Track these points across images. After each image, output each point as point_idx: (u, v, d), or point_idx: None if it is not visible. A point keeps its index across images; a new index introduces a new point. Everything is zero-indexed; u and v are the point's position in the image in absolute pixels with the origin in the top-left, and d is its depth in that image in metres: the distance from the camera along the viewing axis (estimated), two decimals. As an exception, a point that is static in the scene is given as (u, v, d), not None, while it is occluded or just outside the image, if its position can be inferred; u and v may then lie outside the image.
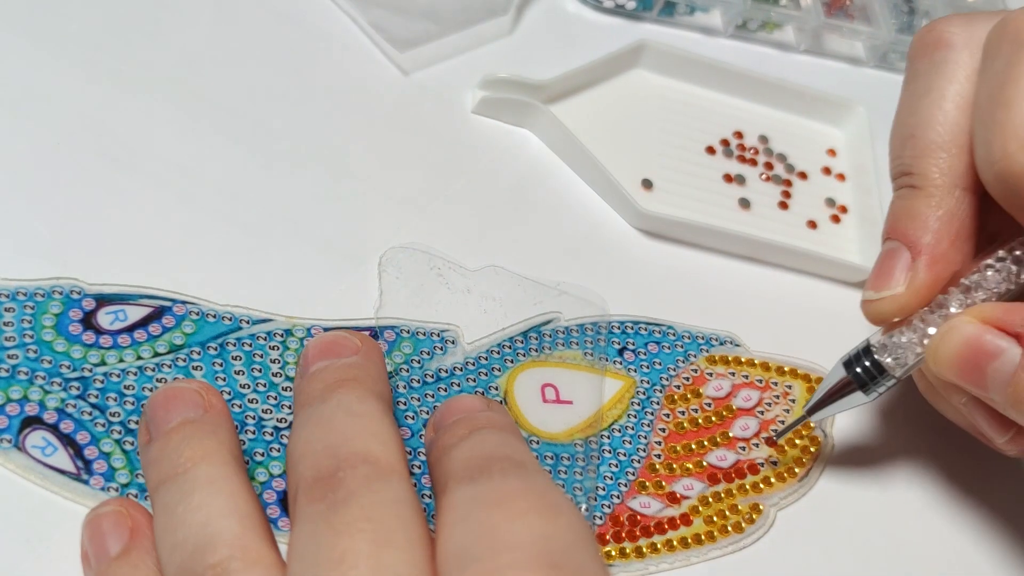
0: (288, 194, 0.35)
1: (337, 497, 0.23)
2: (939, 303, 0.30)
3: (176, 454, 0.25)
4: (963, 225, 0.30)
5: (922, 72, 0.32)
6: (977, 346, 0.29)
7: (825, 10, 0.46)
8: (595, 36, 0.43)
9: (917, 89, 0.32)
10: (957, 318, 0.29)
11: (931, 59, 0.32)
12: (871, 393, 0.31)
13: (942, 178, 0.30)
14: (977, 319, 0.29)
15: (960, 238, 0.30)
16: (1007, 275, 0.30)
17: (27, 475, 0.28)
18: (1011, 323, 0.28)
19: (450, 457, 0.26)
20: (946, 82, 0.31)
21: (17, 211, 0.32)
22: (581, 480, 0.32)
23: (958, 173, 0.30)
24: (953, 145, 0.30)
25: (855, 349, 0.31)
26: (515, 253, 0.36)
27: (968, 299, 0.30)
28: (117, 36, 0.37)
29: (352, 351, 0.28)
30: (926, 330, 0.30)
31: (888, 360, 0.31)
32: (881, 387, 0.31)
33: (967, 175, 0.30)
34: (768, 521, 0.33)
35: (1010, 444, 0.31)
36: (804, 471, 0.34)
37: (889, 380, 0.31)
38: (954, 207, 0.30)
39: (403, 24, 0.40)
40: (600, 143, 0.39)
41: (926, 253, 0.30)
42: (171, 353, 0.31)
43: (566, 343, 0.34)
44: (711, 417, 0.34)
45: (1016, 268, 0.30)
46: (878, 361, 0.31)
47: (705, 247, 0.39)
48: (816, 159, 0.43)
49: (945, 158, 0.30)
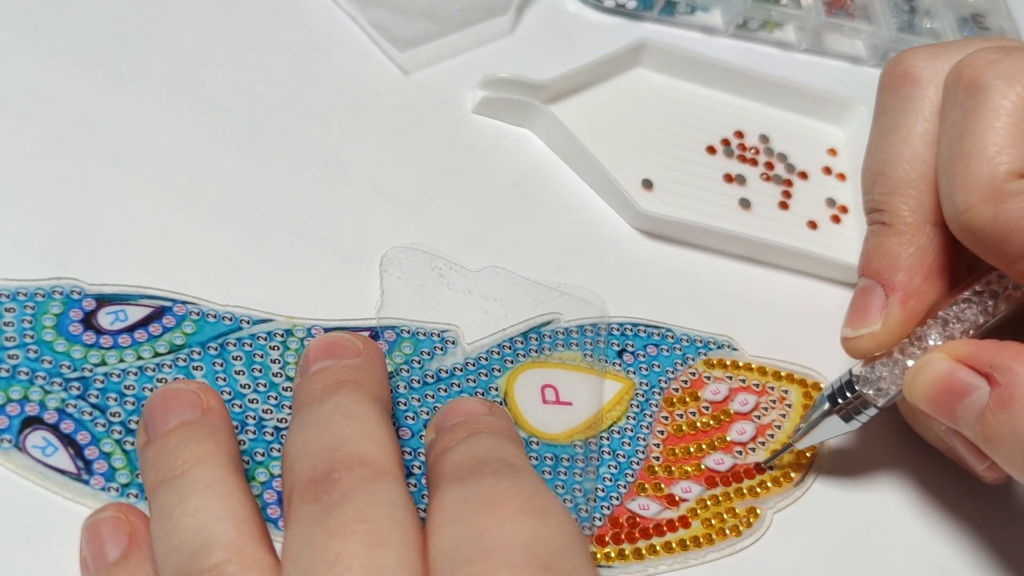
0: (288, 194, 0.35)
1: (332, 498, 0.23)
2: (918, 335, 0.31)
3: (173, 456, 0.25)
4: (935, 260, 0.31)
5: (890, 107, 0.32)
6: (948, 383, 0.29)
7: (826, 9, 0.46)
8: (595, 36, 0.43)
9: (885, 125, 0.32)
10: (931, 353, 0.30)
11: (898, 94, 0.32)
12: (853, 423, 0.32)
13: (912, 215, 0.31)
14: (950, 356, 0.29)
15: (933, 273, 0.31)
16: (983, 308, 0.30)
17: (27, 475, 0.28)
18: (982, 362, 0.29)
19: (445, 459, 0.26)
20: (913, 119, 0.31)
21: (17, 211, 0.32)
22: (580, 481, 0.32)
23: (928, 209, 0.31)
24: (922, 182, 0.31)
25: (838, 381, 0.32)
26: (514, 253, 0.36)
27: (946, 332, 0.31)
28: (117, 35, 0.37)
29: (353, 353, 0.28)
30: (905, 362, 0.31)
31: (870, 392, 0.31)
32: (864, 417, 0.32)
33: (938, 211, 0.30)
34: (765, 524, 0.33)
35: (988, 472, 0.31)
36: (800, 475, 0.34)
37: (871, 411, 0.31)
38: (925, 244, 0.31)
39: (403, 24, 0.40)
40: (600, 143, 0.39)
41: (899, 290, 0.31)
42: (171, 353, 0.31)
43: (566, 344, 0.34)
44: (709, 421, 0.34)
45: (993, 302, 0.30)
46: (860, 393, 0.31)
47: (705, 247, 0.39)
48: (817, 159, 0.43)
49: (915, 195, 0.31)
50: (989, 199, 0.27)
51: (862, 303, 0.32)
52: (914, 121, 0.31)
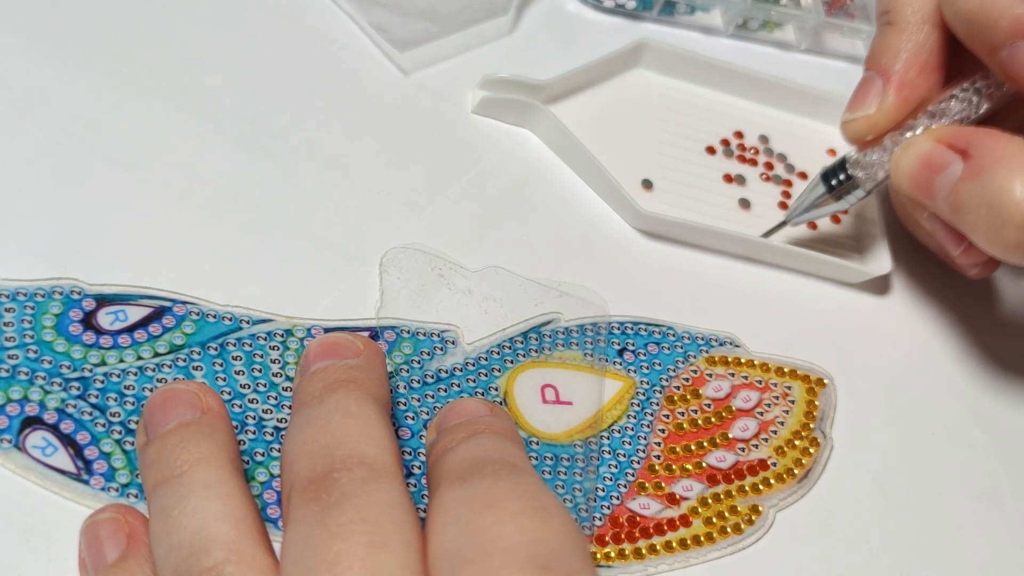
0: (288, 194, 0.35)
1: (331, 499, 0.23)
2: (907, 127, 0.35)
3: (172, 457, 0.25)
4: (930, 57, 0.35)
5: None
6: (928, 159, 0.33)
7: (826, 9, 0.46)
8: (595, 36, 0.43)
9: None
10: (916, 136, 0.34)
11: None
12: (842, 202, 0.36)
13: (914, 15, 0.35)
14: (932, 138, 0.34)
15: (927, 68, 0.35)
16: (968, 104, 0.34)
17: (27, 475, 0.28)
18: (960, 140, 0.33)
19: (446, 459, 0.26)
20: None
21: (17, 211, 0.32)
22: (581, 481, 0.32)
23: (928, 11, 0.35)
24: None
25: (832, 163, 0.37)
26: (514, 252, 0.36)
27: (933, 124, 0.35)
28: (117, 36, 0.37)
29: (354, 354, 0.28)
30: (894, 149, 0.35)
31: (859, 174, 0.36)
32: (852, 197, 0.36)
33: (937, 13, 0.34)
34: (767, 522, 0.33)
35: (964, 257, 0.35)
36: (803, 472, 0.34)
37: (859, 192, 0.36)
38: (923, 40, 0.35)
39: (403, 24, 0.40)
40: (600, 143, 0.39)
41: (895, 79, 0.35)
42: (171, 353, 0.31)
43: (566, 344, 0.34)
44: (710, 418, 0.34)
45: (977, 99, 0.34)
46: (851, 174, 0.36)
47: (705, 247, 0.39)
48: (816, 159, 0.43)
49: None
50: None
51: (862, 90, 0.36)
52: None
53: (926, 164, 0.33)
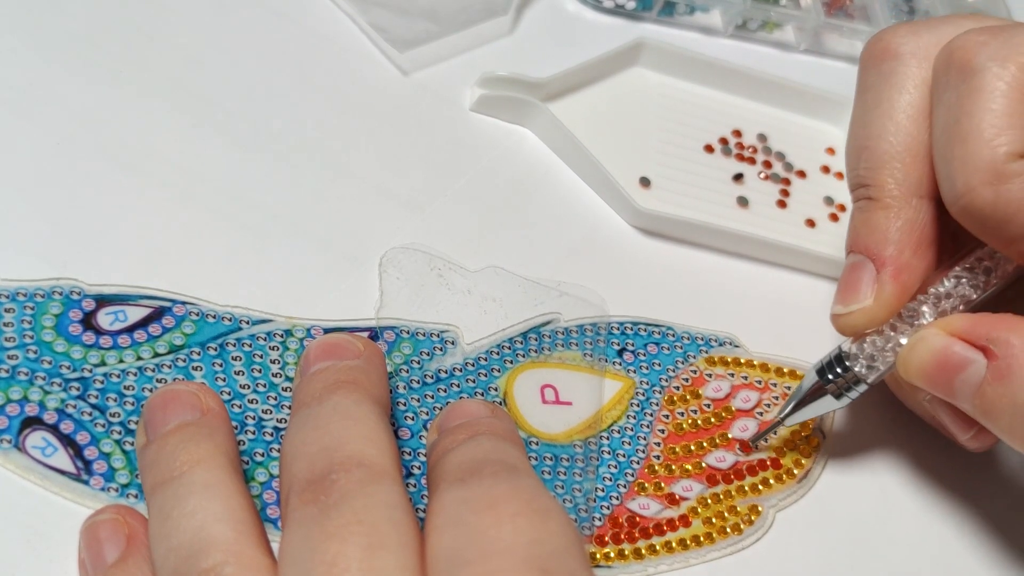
0: (288, 194, 0.35)
1: (330, 500, 0.23)
2: (909, 311, 0.31)
3: (172, 458, 0.25)
4: (924, 233, 0.31)
5: (872, 84, 0.32)
6: (945, 358, 0.29)
7: (825, 10, 0.46)
8: (595, 36, 0.43)
9: (868, 101, 0.32)
10: (926, 329, 0.30)
11: (880, 70, 0.32)
12: (843, 399, 0.32)
13: (898, 188, 0.31)
14: (945, 331, 0.30)
15: (922, 246, 0.31)
16: (976, 284, 0.31)
17: (27, 475, 0.28)
18: (978, 335, 0.29)
19: (446, 460, 0.26)
20: (896, 92, 0.31)
21: (17, 211, 0.32)
22: (580, 481, 0.32)
23: (913, 182, 0.31)
24: (907, 155, 0.31)
25: (827, 356, 0.32)
26: (513, 252, 0.36)
27: (939, 307, 0.31)
28: (117, 36, 0.37)
29: (354, 355, 0.28)
30: (898, 339, 0.31)
31: (861, 369, 0.31)
32: (853, 393, 0.32)
33: (923, 184, 0.31)
34: (767, 522, 0.33)
35: (973, 441, 0.31)
36: (803, 472, 0.34)
37: (861, 387, 0.31)
38: (913, 216, 0.31)
39: (403, 24, 0.40)
40: (598, 141, 0.39)
41: (890, 264, 0.31)
42: (171, 353, 0.31)
43: (566, 344, 0.34)
44: (710, 418, 0.34)
45: (985, 278, 0.31)
46: (850, 368, 0.31)
47: (703, 246, 0.39)
48: (815, 157, 0.43)
49: (900, 168, 0.31)
50: (990, 181, 0.27)
51: (853, 279, 0.31)
52: (897, 95, 0.31)
53: (942, 364, 0.29)
